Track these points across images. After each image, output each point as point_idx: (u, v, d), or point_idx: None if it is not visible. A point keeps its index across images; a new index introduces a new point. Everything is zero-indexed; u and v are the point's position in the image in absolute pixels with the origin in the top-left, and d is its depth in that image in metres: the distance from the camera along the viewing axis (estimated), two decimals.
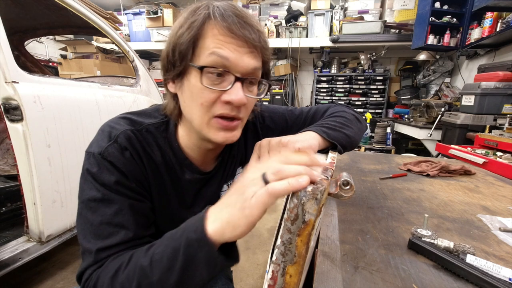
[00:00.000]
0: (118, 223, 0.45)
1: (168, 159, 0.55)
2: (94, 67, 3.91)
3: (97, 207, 0.46)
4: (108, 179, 0.46)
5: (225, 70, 0.45)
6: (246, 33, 0.44)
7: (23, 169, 1.12)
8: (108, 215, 0.45)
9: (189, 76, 0.46)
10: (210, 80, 0.45)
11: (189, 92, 0.47)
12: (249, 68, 0.46)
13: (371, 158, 1.29)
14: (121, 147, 0.48)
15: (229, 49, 0.44)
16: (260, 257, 1.75)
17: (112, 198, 0.46)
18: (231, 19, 0.44)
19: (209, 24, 0.44)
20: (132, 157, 0.49)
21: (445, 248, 0.48)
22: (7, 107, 1.06)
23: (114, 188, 0.47)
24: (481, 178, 1.02)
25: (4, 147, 1.90)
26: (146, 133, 0.53)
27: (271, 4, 3.98)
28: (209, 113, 0.47)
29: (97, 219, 0.45)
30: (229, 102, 0.45)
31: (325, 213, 0.65)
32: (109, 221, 0.45)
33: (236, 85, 0.45)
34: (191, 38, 0.44)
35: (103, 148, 0.47)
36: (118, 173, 0.47)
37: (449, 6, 2.73)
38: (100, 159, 0.47)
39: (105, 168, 0.47)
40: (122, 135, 0.49)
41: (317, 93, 4.06)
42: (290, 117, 0.72)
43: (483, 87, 1.94)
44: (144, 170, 0.51)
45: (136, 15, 4.16)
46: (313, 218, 0.31)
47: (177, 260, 0.36)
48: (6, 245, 1.17)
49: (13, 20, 1.83)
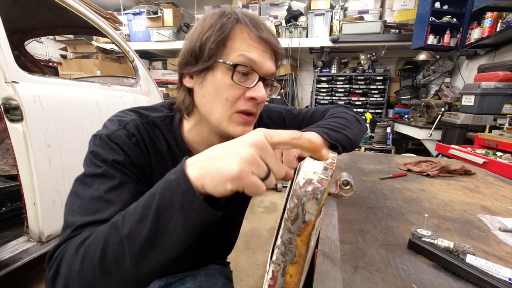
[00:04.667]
0: (110, 199, 0.43)
1: (173, 150, 0.58)
2: (94, 67, 3.91)
3: (92, 182, 0.44)
4: (111, 157, 0.47)
5: (253, 69, 0.49)
6: (272, 40, 0.51)
7: (23, 169, 1.12)
8: (102, 190, 0.43)
9: (216, 72, 0.50)
10: (237, 78, 0.49)
11: (213, 87, 0.50)
12: (269, 71, 0.52)
13: (371, 158, 1.29)
14: (129, 133, 0.51)
15: (257, 53, 0.49)
16: (260, 257, 1.75)
17: (111, 174, 0.45)
18: (259, 26, 0.50)
19: (237, 28, 0.49)
20: (138, 144, 0.52)
21: (445, 248, 0.48)
22: (7, 107, 1.06)
23: (116, 166, 0.47)
24: (481, 178, 1.02)
25: (4, 147, 1.90)
26: (152, 125, 0.56)
27: (271, 4, 3.97)
28: (233, 108, 0.51)
29: (89, 194, 0.43)
30: (253, 98, 0.50)
31: (325, 213, 0.65)
32: (101, 195, 0.43)
33: (260, 84, 0.50)
34: (222, 38, 0.48)
35: (111, 131, 0.49)
36: (123, 154, 0.48)
37: (449, 6, 2.72)
38: (106, 140, 0.48)
39: (111, 148, 0.48)
40: (131, 123, 0.52)
41: (317, 93, 4.06)
42: (288, 116, 0.72)
43: (483, 87, 1.94)
44: (148, 159, 0.53)
45: (136, 15, 4.15)
46: (313, 218, 0.31)
47: (151, 207, 0.32)
48: (6, 245, 1.17)
49: (13, 20, 1.83)
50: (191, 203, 0.31)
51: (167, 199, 0.32)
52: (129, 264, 0.33)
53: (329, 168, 0.39)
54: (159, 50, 4.47)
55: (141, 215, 0.33)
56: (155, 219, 0.32)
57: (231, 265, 0.86)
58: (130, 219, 0.34)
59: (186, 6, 4.35)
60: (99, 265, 0.33)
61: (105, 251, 0.33)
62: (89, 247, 0.35)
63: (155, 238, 0.32)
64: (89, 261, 0.34)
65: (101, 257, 0.33)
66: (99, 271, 0.33)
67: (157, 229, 0.32)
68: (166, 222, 0.32)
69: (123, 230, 0.33)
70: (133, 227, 0.33)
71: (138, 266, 0.33)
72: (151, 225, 0.32)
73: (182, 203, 0.32)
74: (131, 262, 0.33)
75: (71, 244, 0.37)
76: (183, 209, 0.32)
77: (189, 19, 4.33)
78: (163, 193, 0.32)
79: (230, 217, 0.74)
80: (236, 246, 0.85)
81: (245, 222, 2.23)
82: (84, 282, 0.34)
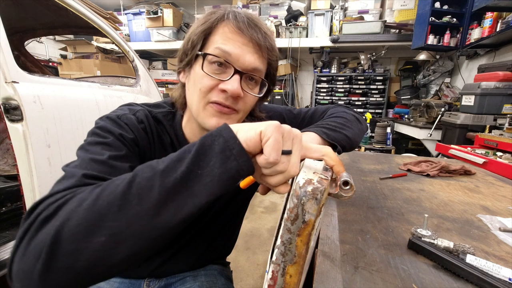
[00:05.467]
0: (114, 165, 0.40)
1: (175, 145, 0.59)
2: (94, 67, 3.91)
3: (94, 147, 0.42)
4: (119, 131, 0.47)
5: (226, 61, 0.49)
6: (252, 33, 0.49)
7: (23, 169, 1.12)
8: (106, 156, 0.40)
9: (195, 65, 0.51)
10: (211, 69, 0.49)
11: (193, 80, 0.52)
12: (250, 65, 0.50)
13: (371, 158, 1.29)
14: (138, 119, 0.53)
15: (234, 46, 0.48)
16: (260, 257, 1.75)
17: (117, 145, 0.44)
18: (242, 19, 0.49)
19: (221, 23, 0.50)
20: (145, 131, 0.54)
21: (445, 248, 0.48)
22: (7, 107, 1.06)
23: (122, 140, 0.46)
24: (481, 178, 1.02)
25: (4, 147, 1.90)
26: (157, 120, 0.58)
27: (271, 4, 3.98)
28: (205, 98, 0.51)
29: (89, 156, 0.40)
30: (225, 90, 0.49)
31: (325, 213, 0.65)
32: (105, 160, 0.40)
33: (234, 77, 0.49)
34: (202, 31, 0.49)
35: (122, 114, 0.51)
36: (132, 133, 0.50)
37: (449, 6, 2.72)
38: (116, 118, 0.50)
39: (119, 125, 0.49)
40: (141, 111, 0.55)
41: (317, 93, 4.06)
42: (288, 116, 0.72)
43: (483, 87, 1.94)
44: (153, 146, 0.55)
45: (136, 15, 4.15)
46: (313, 218, 0.31)
47: (190, 151, 0.32)
48: (6, 245, 1.17)
49: (13, 20, 1.83)
50: (231, 149, 0.32)
51: (207, 145, 0.33)
52: (153, 202, 0.30)
53: (329, 168, 0.39)
54: (159, 50, 4.48)
55: (179, 157, 0.33)
56: (194, 159, 0.32)
57: (231, 265, 0.86)
58: (168, 159, 0.33)
59: (186, 6, 4.35)
60: (120, 197, 0.30)
61: (132, 183, 0.31)
62: (112, 183, 0.32)
63: (189, 178, 0.31)
64: (108, 195, 0.31)
65: (126, 189, 0.31)
66: (117, 204, 0.30)
67: (194, 168, 0.32)
68: (205, 163, 0.32)
69: (157, 167, 0.32)
70: (170, 164, 0.32)
71: (160, 208, 0.30)
72: (189, 164, 0.32)
73: (223, 148, 0.32)
74: (156, 199, 0.30)
75: (82, 190, 0.33)
76: (223, 153, 0.32)
77: (189, 19, 4.33)
78: (204, 140, 0.33)
79: (230, 217, 0.74)
80: (236, 246, 0.85)
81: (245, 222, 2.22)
82: (91, 218, 0.29)
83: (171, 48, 4.14)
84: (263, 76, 0.54)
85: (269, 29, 0.53)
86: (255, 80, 0.53)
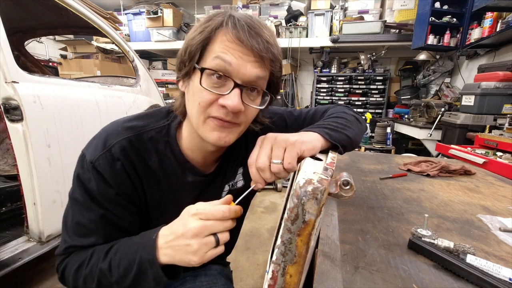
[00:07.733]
0: (92, 230, 0.52)
1: (166, 165, 0.57)
2: (94, 67, 3.91)
3: (79, 209, 0.52)
4: (93, 189, 0.50)
5: (225, 75, 0.46)
6: (253, 42, 0.45)
7: (23, 169, 1.12)
8: (86, 220, 0.51)
9: (194, 77, 0.49)
10: (210, 82, 0.47)
11: (192, 92, 0.50)
12: (251, 76, 0.47)
13: (371, 158, 1.29)
14: (113, 157, 0.51)
15: (234, 55, 0.46)
16: (260, 257, 1.75)
17: (92, 208, 0.51)
18: (242, 27, 0.46)
19: (220, 31, 0.46)
20: (124, 168, 0.51)
21: (445, 248, 0.48)
22: (7, 107, 1.06)
23: (96, 199, 0.50)
24: (481, 178, 1.02)
25: (4, 147, 1.90)
26: (146, 139, 0.55)
27: (271, 4, 3.97)
28: (205, 113, 0.49)
29: (76, 218, 0.52)
30: (224, 106, 0.47)
31: (325, 213, 0.65)
32: (85, 224, 0.51)
33: (234, 91, 0.46)
34: (200, 41, 0.46)
35: (95, 158, 0.50)
36: (105, 184, 0.50)
37: (449, 6, 2.72)
38: (90, 167, 0.50)
39: (93, 177, 0.50)
40: (117, 145, 0.51)
41: (317, 93, 4.06)
42: (289, 118, 0.72)
43: (483, 87, 1.94)
44: (137, 181, 0.54)
45: (136, 15, 4.15)
46: (313, 218, 0.31)
47: (131, 271, 0.46)
48: (6, 245, 1.17)
49: (13, 20, 1.83)
50: (161, 278, 0.46)
51: (143, 271, 0.46)
52: None
53: (329, 168, 0.39)
54: (159, 50, 4.47)
55: (124, 273, 0.47)
56: (134, 279, 0.47)
57: (231, 265, 0.86)
58: (116, 271, 0.47)
59: (186, 6, 4.35)
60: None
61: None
62: (86, 278, 0.49)
63: (135, 286, 0.47)
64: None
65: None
66: None
67: (136, 283, 0.47)
68: (143, 282, 0.47)
69: (111, 277, 0.47)
70: (119, 278, 0.47)
71: None
72: (132, 281, 0.47)
73: (154, 277, 0.46)
74: None
75: (70, 264, 0.51)
76: (154, 280, 0.46)
77: (189, 19, 4.33)
78: (139, 267, 0.46)
79: None
80: (236, 246, 0.85)
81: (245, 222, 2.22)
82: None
83: (171, 48, 4.14)
84: (265, 86, 0.51)
85: (272, 35, 0.49)
86: (257, 90, 0.50)
